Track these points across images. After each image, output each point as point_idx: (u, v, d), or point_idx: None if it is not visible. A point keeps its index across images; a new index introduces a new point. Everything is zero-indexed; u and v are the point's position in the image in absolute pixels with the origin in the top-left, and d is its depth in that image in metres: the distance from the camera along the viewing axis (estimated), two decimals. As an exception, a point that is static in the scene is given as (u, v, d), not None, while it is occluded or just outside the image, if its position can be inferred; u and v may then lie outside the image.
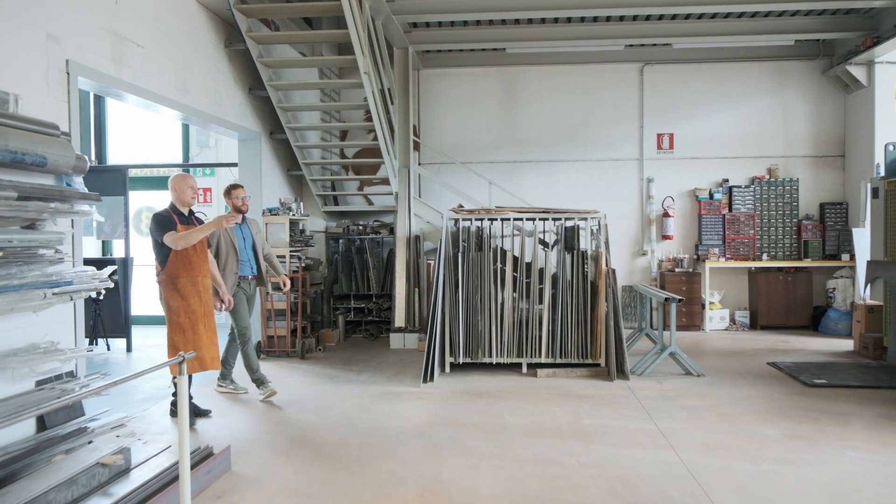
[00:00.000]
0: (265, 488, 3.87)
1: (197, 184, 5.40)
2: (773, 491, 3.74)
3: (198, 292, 5.06)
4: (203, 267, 5.16)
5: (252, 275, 6.15)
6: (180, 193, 5.17)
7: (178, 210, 5.17)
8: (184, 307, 4.98)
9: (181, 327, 4.99)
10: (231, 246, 5.92)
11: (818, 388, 6.20)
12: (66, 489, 3.24)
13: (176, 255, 4.99)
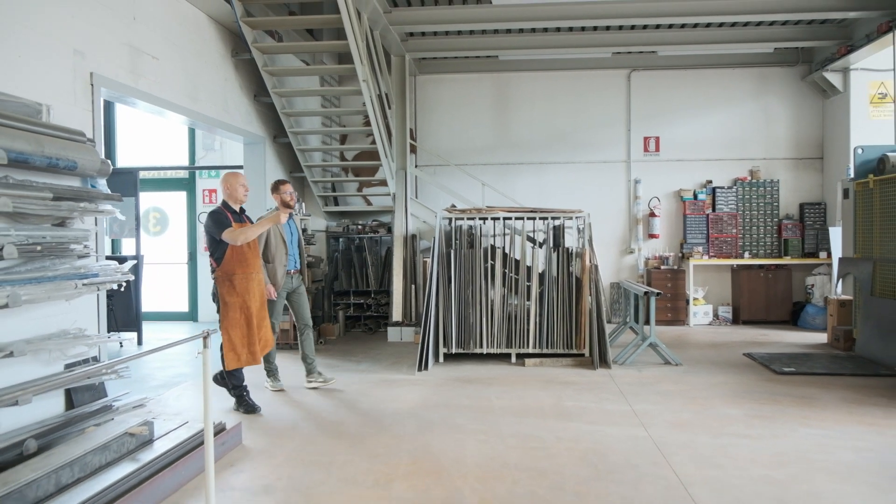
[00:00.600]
0: (273, 458, 4.31)
1: (247, 182, 5.60)
2: (727, 459, 4.19)
3: (252, 288, 5.25)
4: (257, 264, 5.37)
5: (295, 269, 6.28)
6: (232, 191, 5.39)
7: (231, 207, 5.38)
8: (239, 303, 5.19)
9: (236, 323, 5.19)
10: (280, 240, 6.06)
11: (787, 375, 6.65)
12: (101, 453, 3.68)
13: (232, 252, 5.19)
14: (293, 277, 6.25)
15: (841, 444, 4.49)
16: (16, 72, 4.44)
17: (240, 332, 5.21)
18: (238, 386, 5.47)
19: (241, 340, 5.20)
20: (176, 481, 3.82)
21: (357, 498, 3.63)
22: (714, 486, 3.75)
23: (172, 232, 11.37)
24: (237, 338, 5.19)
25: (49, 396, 4.53)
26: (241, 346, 5.22)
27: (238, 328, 5.21)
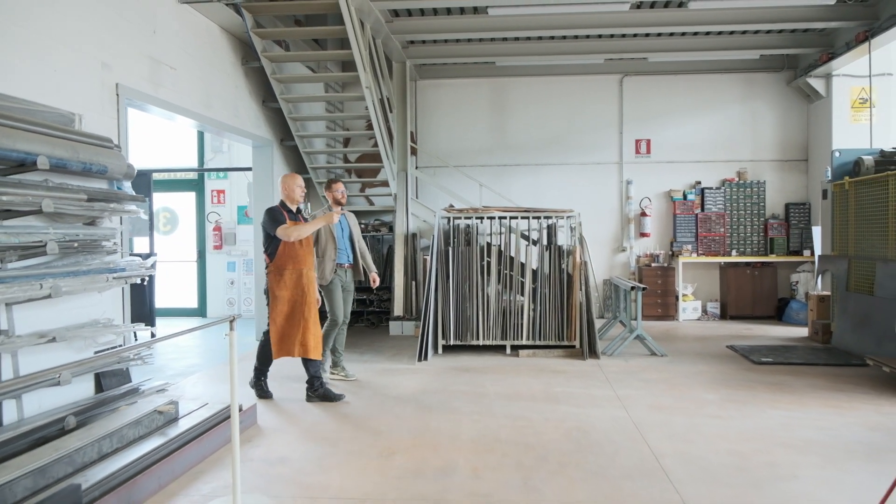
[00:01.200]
0: (286, 435, 4.76)
1: (303, 183, 5.85)
2: (698, 436, 4.63)
3: (302, 284, 5.52)
4: (308, 260, 5.63)
5: (348, 263, 6.46)
6: (290, 191, 5.69)
7: (287, 207, 5.68)
8: (288, 297, 5.49)
9: (285, 316, 5.49)
10: (330, 235, 6.28)
11: (764, 365, 7.09)
12: (134, 427, 4.12)
13: (284, 248, 5.48)
14: (346, 271, 6.46)
15: (803, 423, 4.92)
16: (52, 85, 4.88)
17: (286, 324, 5.50)
18: (260, 369, 5.85)
19: (287, 331, 5.49)
20: (200, 453, 4.26)
21: (363, 467, 4.07)
22: (683, 457, 4.19)
23: (182, 231, 11.82)
24: (283, 329, 5.49)
25: (81, 381, 4.95)
26: (288, 337, 5.50)
27: (285, 319, 5.49)
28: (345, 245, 6.46)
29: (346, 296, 6.52)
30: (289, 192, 5.70)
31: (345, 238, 6.48)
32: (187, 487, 3.80)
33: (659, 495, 3.60)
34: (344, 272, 6.43)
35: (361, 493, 3.66)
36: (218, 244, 11.61)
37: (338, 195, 6.46)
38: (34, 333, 4.35)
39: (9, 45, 4.50)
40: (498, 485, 3.77)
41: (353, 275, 6.56)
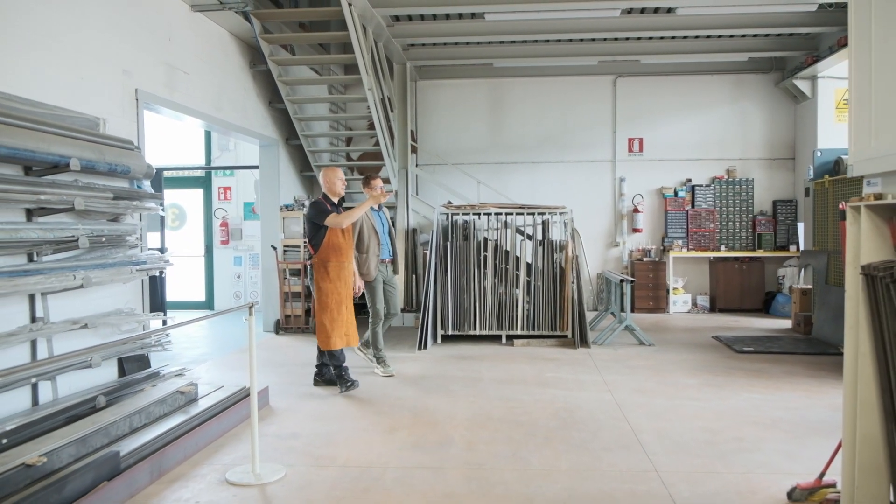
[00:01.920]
0: (296, 415, 5.16)
1: (343, 175, 6.00)
2: (675, 415, 5.04)
3: (344, 276, 5.71)
4: (350, 253, 5.82)
5: (389, 258, 6.61)
6: (331, 184, 5.84)
7: (330, 199, 5.84)
8: (332, 289, 5.67)
9: (329, 308, 5.66)
10: (373, 231, 6.37)
11: (745, 353, 7.49)
12: (160, 406, 4.53)
13: (328, 240, 5.63)
14: (387, 266, 6.61)
15: (774, 405, 5.33)
16: (80, 91, 5.27)
17: (331, 315, 5.67)
18: (338, 366, 5.84)
19: (331, 324, 5.66)
20: (219, 429, 4.67)
21: (368, 441, 4.48)
22: (660, 433, 4.60)
23: (190, 227, 12.21)
24: (329, 321, 5.66)
25: (106, 366, 5.36)
26: (333, 330, 5.68)
27: (329, 312, 5.67)
28: (386, 240, 6.57)
29: (390, 289, 6.65)
30: (330, 185, 5.86)
31: (385, 233, 6.59)
32: (210, 458, 4.21)
33: (634, 464, 4.00)
34: (385, 267, 6.57)
35: (367, 463, 4.06)
36: (225, 239, 12.01)
37: (376, 192, 6.44)
38: (67, 320, 4.76)
39: (44, 57, 4.89)
40: (490, 456, 4.18)
41: (392, 269, 6.72)
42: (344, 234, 5.74)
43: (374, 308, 6.50)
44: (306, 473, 3.91)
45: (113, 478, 3.50)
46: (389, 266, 6.65)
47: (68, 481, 3.23)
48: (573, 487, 3.65)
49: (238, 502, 3.50)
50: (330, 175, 5.90)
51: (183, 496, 3.59)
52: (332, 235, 5.68)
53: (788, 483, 3.52)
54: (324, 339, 5.72)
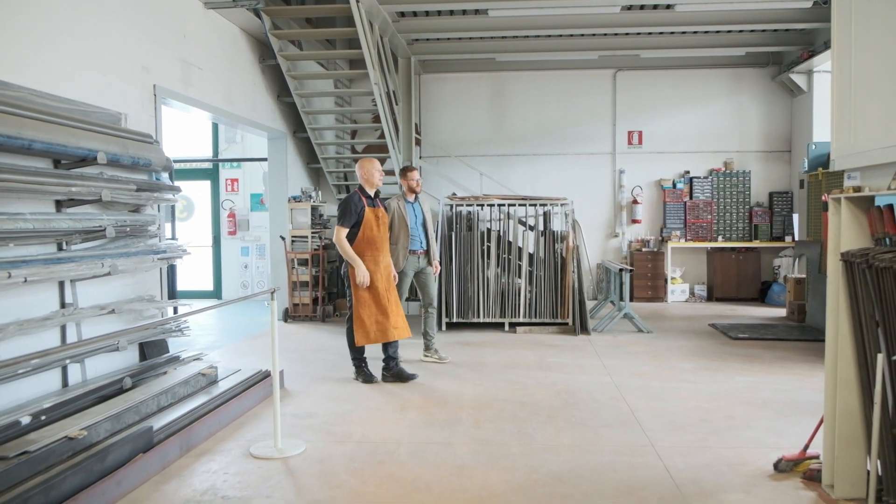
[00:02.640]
0: (311, 396, 5.43)
1: (380, 166, 5.87)
2: (671, 395, 5.30)
3: (379, 270, 5.61)
4: (385, 246, 5.70)
5: (421, 249, 6.49)
6: (369, 176, 5.70)
7: (366, 192, 5.72)
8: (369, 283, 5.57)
9: (365, 302, 5.57)
10: (403, 222, 6.31)
11: (740, 340, 7.76)
12: (184, 386, 4.79)
13: (362, 234, 5.55)
14: (420, 257, 6.50)
15: (765, 387, 5.59)
16: (103, 88, 5.51)
17: (368, 310, 5.58)
18: (357, 358, 5.88)
19: (369, 319, 5.57)
20: (239, 409, 4.93)
21: (380, 419, 4.75)
22: (656, 412, 4.86)
23: (198, 218, 12.45)
24: (366, 316, 5.56)
25: (128, 351, 5.61)
26: (371, 324, 5.59)
27: (366, 307, 5.58)
28: (418, 232, 6.48)
29: (426, 279, 6.61)
30: (367, 176, 5.72)
31: (418, 225, 6.50)
32: (233, 434, 4.47)
33: (632, 439, 4.27)
34: (417, 258, 6.50)
35: (380, 439, 4.33)
36: (232, 230, 12.26)
37: (413, 183, 6.49)
38: (95, 306, 5.01)
39: (72, 56, 5.13)
40: (496, 432, 4.44)
41: (426, 260, 6.59)
42: (379, 227, 5.66)
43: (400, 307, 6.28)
44: (325, 448, 4.17)
45: (147, 450, 3.76)
46: (422, 257, 6.54)
47: (109, 452, 3.49)
48: (575, 460, 3.92)
49: (263, 473, 3.76)
50: (367, 166, 5.76)
51: (211, 468, 3.86)
52: (366, 229, 5.59)
53: (775, 456, 3.78)
54: (362, 335, 5.62)
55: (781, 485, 3.54)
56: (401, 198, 6.50)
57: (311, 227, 9.57)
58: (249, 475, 3.74)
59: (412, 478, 3.68)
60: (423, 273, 6.60)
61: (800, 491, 3.45)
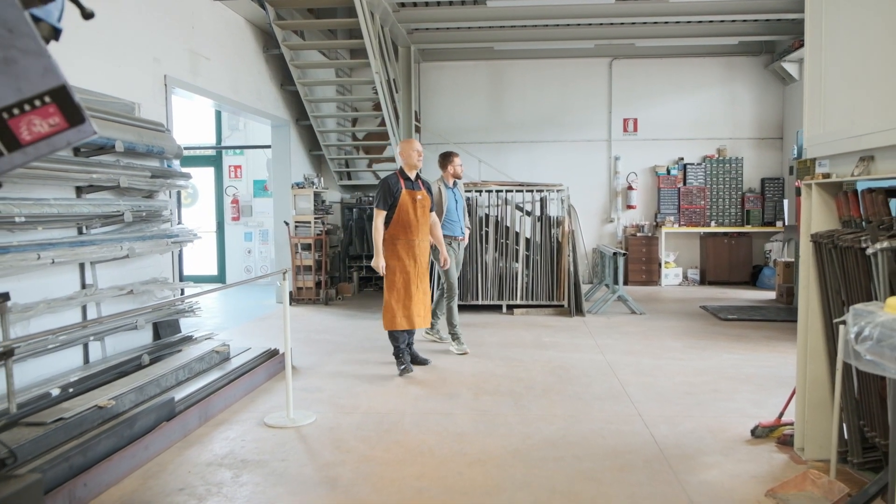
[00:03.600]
0: (318, 372, 5.72)
1: (421, 147, 5.77)
2: (660, 371, 5.60)
3: (414, 254, 5.51)
4: (422, 230, 5.56)
5: (460, 235, 6.48)
6: (407, 157, 5.61)
7: (406, 174, 5.61)
8: (399, 267, 5.50)
9: (395, 286, 5.50)
10: (440, 208, 6.30)
11: (729, 321, 8.05)
12: (199, 362, 5.07)
13: (398, 217, 5.44)
14: (460, 245, 6.53)
15: (750, 364, 5.89)
16: (117, 78, 5.75)
17: (397, 295, 5.51)
18: (396, 347, 5.67)
19: (398, 304, 5.50)
20: (251, 384, 5.22)
21: (385, 393, 5.04)
22: (645, 386, 5.15)
23: (202, 204, 12.70)
24: (394, 300, 5.50)
25: (143, 331, 5.89)
26: (398, 309, 5.52)
27: (396, 291, 5.51)
28: (457, 217, 6.45)
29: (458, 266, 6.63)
30: (406, 157, 5.64)
31: (458, 210, 6.48)
32: (247, 407, 4.76)
33: (621, 410, 4.56)
34: (458, 244, 6.48)
35: (386, 410, 4.62)
36: (235, 216, 12.51)
37: (458, 169, 6.46)
38: (114, 287, 5.28)
39: (89, 49, 5.36)
40: (494, 404, 4.73)
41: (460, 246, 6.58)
42: (416, 210, 5.52)
43: (449, 283, 6.37)
44: (334, 418, 4.46)
45: (170, 419, 4.05)
46: (462, 243, 6.57)
47: (137, 419, 3.78)
48: (567, 428, 4.21)
49: (278, 440, 4.05)
50: (404, 146, 5.71)
51: (229, 436, 4.15)
52: (401, 212, 5.48)
53: (754, 424, 4.08)
54: (388, 319, 5.55)
55: (757, 448, 3.83)
56: (441, 181, 6.48)
57: (315, 213, 9.82)
58: (265, 442, 4.03)
59: (416, 443, 3.98)
60: (458, 261, 6.60)
61: (773, 454, 3.75)
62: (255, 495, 3.27)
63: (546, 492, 3.28)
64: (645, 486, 3.33)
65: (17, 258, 4.03)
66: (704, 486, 3.33)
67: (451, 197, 6.44)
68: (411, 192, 5.53)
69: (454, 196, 6.49)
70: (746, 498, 3.18)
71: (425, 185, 5.72)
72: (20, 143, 1.18)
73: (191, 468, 3.62)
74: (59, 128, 1.21)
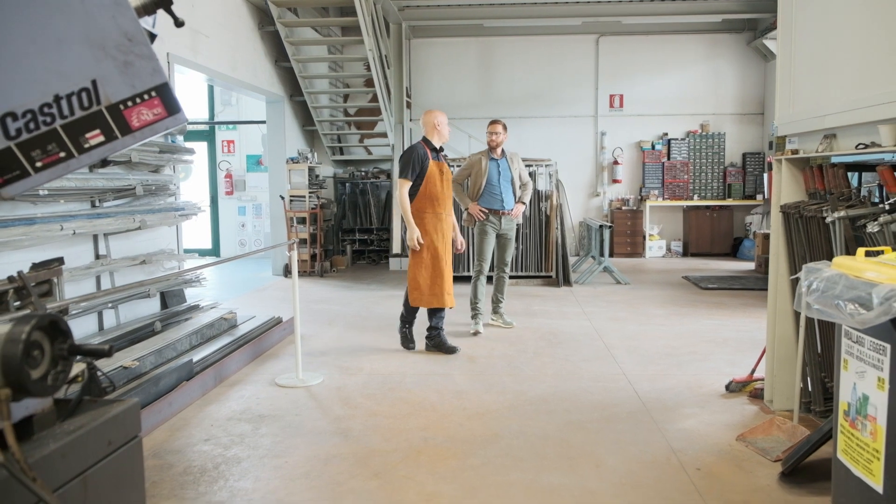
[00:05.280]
0: (320, 339, 6.03)
1: (445, 118, 5.42)
2: (643, 336, 5.96)
3: (441, 229, 5.23)
4: (448, 204, 5.31)
5: (503, 209, 6.09)
6: (439, 125, 5.30)
7: (431, 143, 5.31)
8: (427, 242, 5.18)
9: (422, 263, 5.20)
10: (479, 178, 6.05)
11: (710, 290, 8.43)
12: (209, 328, 5.37)
13: (425, 189, 5.15)
14: (502, 219, 6.13)
15: (728, 328, 6.27)
16: (124, 57, 5.96)
17: (425, 272, 5.22)
18: (405, 321, 5.58)
19: (425, 281, 5.23)
20: (259, 349, 5.52)
21: (386, 357, 5.37)
22: (629, 349, 5.51)
23: (195, 178, 12.87)
24: (421, 278, 5.22)
25: (152, 300, 6.17)
26: (426, 286, 5.26)
27: (424, 268, 5.22)
28: (499, 190, 6.08)
29: (505, 242, 6.24)
30: (439, 125, 5.32)
31: (500, 183, 6.10)
32: (257, 369, 5.07)
33: (607, 370, 4.92)
34: (499, 218, 6.11)
35: (388, 372, 4.95)
36: (229, 190, 12.71)
37: (491, 137, 6.13)
38: (126, 257, 5.55)
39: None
40: (489, 366, 5.08)
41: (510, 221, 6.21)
42: (443, 182, 5.26)
43: (477, 259, 6.18)
44: (340, 379, 4.78)
45: (189, 379, 4.35)
46: (505, 218, 6.14)
47: (161, 378, 4.08)
48: (557, 385, 4.56)
49: (290, 398, 4.37)
50: (441, 119, 5.37)
51: (244, 395, 4.46)
52: (429, 184, 5.19)
53: (728, 380, 4.44)
54: (416, 297, 5.29)
55: (730, 401, 4.20)
56: (485, 154, 6.19)
57: (308, 188, 10.06)
58: (278, 399, 4.35)
59: (419, 400, 4.31)
60: (505, 236, 6.22)
61: (745, 406, 4.12)
62: (276, 444, 3.59)
63: (540, 439, 3.62)
64: (629, 434, 3.68)
65: (42, 229, 4.29)
66: (682, 432, 3.68)
67: (493, 169, 6.08)
68: (438, 163, 5.26)
69: (499, 168, 6.11)
70: (719, 442, 3.54)
71: (447, 158, 5.56)
72: (131, 128, 1.47)
73: (213, 422, 3.94)
74: (160, 116, 1.51)
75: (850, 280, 1.98)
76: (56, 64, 1.40)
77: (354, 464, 3.32)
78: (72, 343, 1.33)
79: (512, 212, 6.16)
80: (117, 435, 1.57)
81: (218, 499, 2.97)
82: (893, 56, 2.78)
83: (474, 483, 3.10)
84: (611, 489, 3.03)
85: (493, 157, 6.12)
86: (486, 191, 6.07)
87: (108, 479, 1.52)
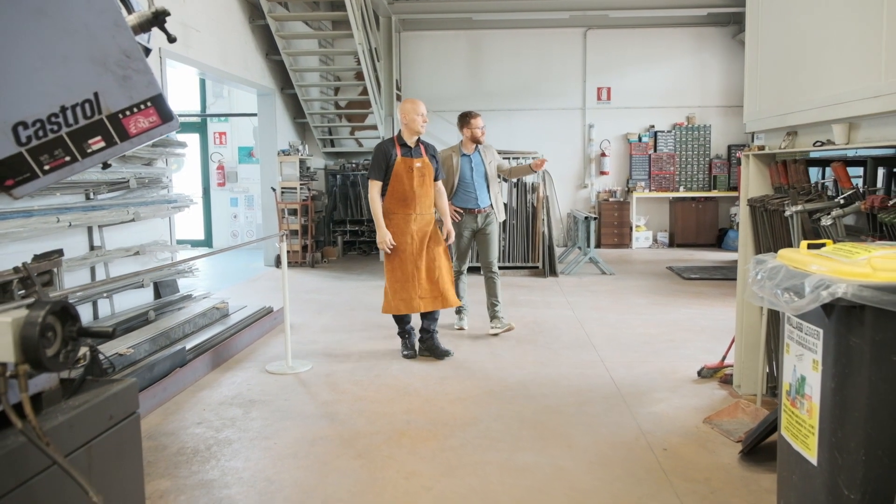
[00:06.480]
0: (310, 328, 6.20)
1: (425, 110, 5.01)
2: (623, 325, 6.15)
3: (410, 230, 4.90)
4: (422, 202, 4.93)
5: (477, 207, 5.76)
6: (410, 121, 4.91)
7: (403, 139, 4.96)
8: (397, 246, 4.90)
9: (392, 265, 4.95)
10: (449, 178, 5.69)
11: (692, 280, 8.63)
12: (202, 317, 5.53)
13: (392, 189, 4.88)
14: (478, 216, 5.80)
15: (705, 317, 6.47)
16: (117, 52, 6.09)
17: (392, 277, 4.95)
18: (402, 329, 5.23)
19: (392, 286, 4.94)
20: (250, 338, 5.69)
21: (373, 345, 5.54)
22: (608, 337, 5.71)
23: (187, 170, 12.97)
24: (389, 283, 4.96)
25: (146, 290, 6.31)
26: (393, 293, 4.95)
27: (391, 273, 4.96)
28: (474, 188, 5.74)
29: (486, 239, 5.92)
30: (409, 121, 4.94)
31: (476, 179, 5.75)
32: (248, 357, 5.24)
33: (585, 357, 5.11)
34: (474, 217, 5.79)
35: (375, 359, 5.13)
36: (221, 182, 12.85)
37: (477, 132, 5.72)
38: (120, 248, 5.70)
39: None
40: (472, 354, 5.26)
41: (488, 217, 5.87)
42: (412, 180, 4.89)
43: (456, 260, 5.97)
44: (328, 366, 4.96)
45: (182, 366, 4.52)
46: (481, 215, 5.82)
47: (155, 365, 4.25)
48: (537, 372, 4.75)
49: (280, 384, 4.54)
50: (408, 107, 4.96)
51: (236, 381, 4.63)
52: (395, 182, 4.88)
53: (700, 366, 4.64)
54: (385, 303, 5.02)
55: (701, 386, 4.40)
56: (456, 149, 5.83)
57: (300, 179, 10.20)
58: (269, 385, 4.52)
59: (403, 385, 4.49)
60: (483, 233, 5.88)
61: (715, 390, 4.32)
62: (266, 427, 3.76)
63: (516, 422, 3.81)
64: (601, 417, 3.87)
65: (40, 221, 4.44)
66: (652, 415, 3.88)
67: (465, 165, 5.73)
68: (407, 159, 4.89)
69: (471, 164, 5.75)
70: (686, 424, 3.73)
71: (428, 150, 5.06)
72: (129, 135, 1.65)
73: (205, 406, 4.11)
74: (155, 124, 1.68)
75: (789, 270, 2.16)
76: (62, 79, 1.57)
77: (340, 445, 3.50)
78: (80, 325, 1.50)
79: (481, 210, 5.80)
80: (117, 410, 1.74)
81: (210, 477, 3.15)
82: (844, 58, 2.95)
83: (452, 462, 3.28)
84: (581, 467, 3.22)
85: (465, 152, 5.76)
86: (460, 189, 5.75)
87: (109, 450, 1.69)
